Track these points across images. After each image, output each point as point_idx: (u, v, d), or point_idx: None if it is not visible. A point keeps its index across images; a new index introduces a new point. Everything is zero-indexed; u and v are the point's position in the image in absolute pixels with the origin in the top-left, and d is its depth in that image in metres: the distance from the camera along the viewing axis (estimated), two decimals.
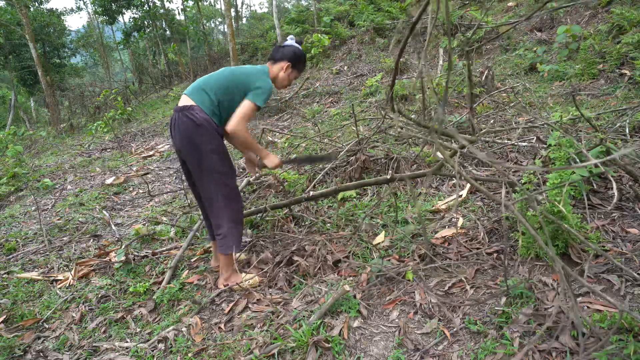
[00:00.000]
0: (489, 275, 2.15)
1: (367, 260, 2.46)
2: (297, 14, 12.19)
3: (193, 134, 2.15)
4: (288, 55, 2.39)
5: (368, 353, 1.81)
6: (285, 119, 6.73)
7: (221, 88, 2.20)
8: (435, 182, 3.33)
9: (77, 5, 44.65)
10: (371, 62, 8.59)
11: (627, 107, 3.39)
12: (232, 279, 2.41)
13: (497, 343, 1.70)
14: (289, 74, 2.42)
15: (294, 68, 2.42)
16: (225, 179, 2.25)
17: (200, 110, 2.15)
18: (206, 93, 2.20)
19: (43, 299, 2.61)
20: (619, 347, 1.52)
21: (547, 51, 5.67)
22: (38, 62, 11.95)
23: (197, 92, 2.21)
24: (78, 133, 10.17)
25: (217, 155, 2.20)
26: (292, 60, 2.39)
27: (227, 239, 2.30)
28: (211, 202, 2.30)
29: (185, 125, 2.15)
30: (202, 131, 2.14)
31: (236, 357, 1.88)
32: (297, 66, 2.44)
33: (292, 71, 2.43)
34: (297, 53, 2.41)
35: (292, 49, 2.40)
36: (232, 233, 2.31)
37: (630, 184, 2.56)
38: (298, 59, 2.41)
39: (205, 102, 2.18)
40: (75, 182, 5.35)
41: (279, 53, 2.40)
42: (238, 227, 2.34)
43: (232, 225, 2.30)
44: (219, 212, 2.29)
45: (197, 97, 2.19)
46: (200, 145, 2.16)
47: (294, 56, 2.39)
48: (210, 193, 2.27)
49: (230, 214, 2.30)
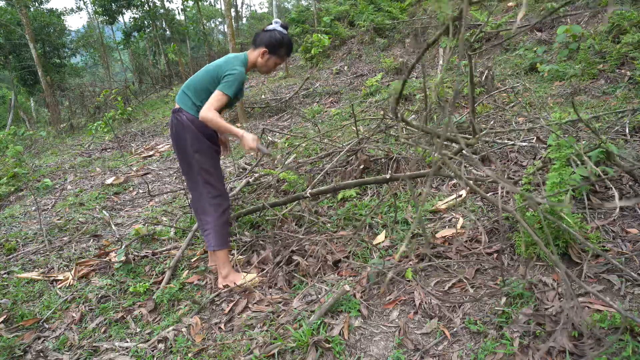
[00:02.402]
0: (489, 275, 2.15)
1: (367, 260, 2.46)
2: (297, 14, 12.20)
3: (180, 134, 2.28)
4: (265, 41, 2.31)
5: (368, 353, 1.81)
6: (285, 119, 6.73)
7: (197, 88, 2.29)
8: (435, 182, 3.33)
9: (77, 5, 44.71)
10: (371, 62, 8.59)
11: (629, 110, 3.39)
12: (231, 277, 2.42)
13: (497, 343, 1.70)
14: (267, 60, 2.35)
15: (272, 54, 2.34)
16: (210, 178, 2.34)
17: (186, 113, 2.27)
18: (187, 95, 2.31)
19: (43, 299, 2.61)
20: (619, 347, 1.52)
21: (547, 51, 5.66)
22: (38, 62, 11.94)
23: (181, 95, 2.34)
24: (78, 133, 10.17)
25: (201, 154, 2.30)
26: (269, 46, 2.31)
27: (211, 236, 2.37)
28: (198, 200, 2.39)
29: (175, 126, 2.31)
30: (188, 132, 2.26)
31: (236, 357, 1.88)
32: (276, 52, 2.34)
33: (271, 57, 2.35)
34: (276, 38, 2.31)
35: (269, 35, 2.32)
36: (217, 230, 2.36)
37: (630, 184, 2.55)
38: (277, 44, 2.32)
39: (188, 104, 2.29)
40: (75, 182, 5.35)
41: (258, 38, 2.35)
42: (223, 226, 2.39)
43: (216, 223, 2.36)
44: (205, 210, 2.37)
45: (181, 100, 2.33)
46: (186, 145, 2.28)
47: (271, 42, 2.31)
48: (197, 191, 2.37)
49: (215, 212, 2.36)
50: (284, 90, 8.22)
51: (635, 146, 2.95)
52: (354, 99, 6.62)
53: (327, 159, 3.97)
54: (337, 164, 3.70)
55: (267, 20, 16.09)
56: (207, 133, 2.31)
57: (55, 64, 16.69)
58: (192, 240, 3.05)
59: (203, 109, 2.16)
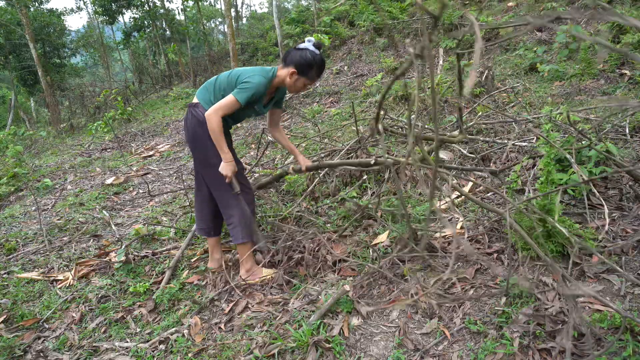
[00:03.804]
0: (489, 275, 2.15)
1: (366, 260, 2.46)
2: (297, 14, 12.20)
3: (197, 129, 2.27)
4: (295, 60, 2.22)
5: (368, 353, 1.81)
6: (285, 119, 6.73)
7: (219, 88, 2.30)
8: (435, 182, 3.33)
9: (77, 5, 44.68)
10: (371, 62, 8.59)
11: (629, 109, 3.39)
12: (254, 272, 2.45)
13: (497, 343, 1.70)
14: (295, 81, 2.26)
15: (301, 75, 2.23)
16: None
17: (203, 108, 2.27)
18: (208, 92, 2.32)
19: (43, 299, 2.61)
20: (619, 347, 1.52)
21: (547, 51, 5.67)
22: (38, 62, 11.94)
23: (202, 91, 2.34)
24: (78, 133, 10.16)
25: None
26: (298, 67, 2.21)
27: (238, 229, 2.38)
28: (220, 194, 2.38)
29: (190, 121, 2.30)
30: (205, 127, 2.23)
31: (236, 357, 1.88)
32: (306, 73, 2.24)
33: (299, 78, 2.25)
34: (306, 59, 2.20)
35: (299, 55, 2.21)
36: (242, 222, 2.37)
37: (630, 184, 2.55)
38: (307, 65, 2.21)
39: (207, 101, 2.30)
40: (75, 182, 5.35)
41: (289, 57, 2.25)
42: (249, 217, 2.40)
43: (242, 215, 2.36)
44: (229, 203, 2.37)
45: (201, 95, 2.33)
46: (204, 140, 2.27)
47: (300, 62, 2.20)
48: (219, 185, 2.35)
49: (239, 204, 2.36)
50: None
51: (635, 146, 2.95)
52: (354, 98, 6.62)
53: (327, 159, 3.96)
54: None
55: (267, 20, 16.06)
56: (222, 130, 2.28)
57: (55, 64, 16.68)
58: (192, 240, 3.05)
59: (211, 108, 2.16)
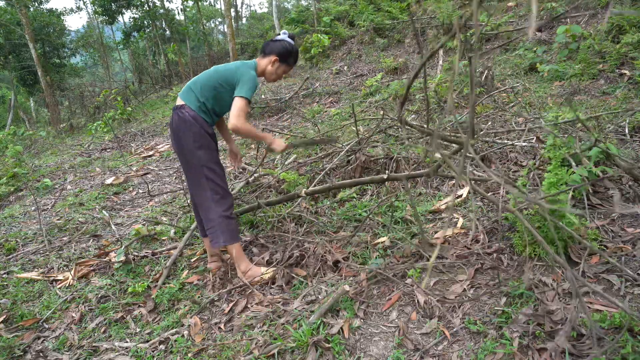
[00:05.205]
0: (489, 275, 2.15)
1: (366, 260, 2.46)
2: (297, 14, 12.20)
3: (182, 130, 2.28)
4: (276, 49, 2.43)
5: (368, 353, 1.81)
6: (285, 119, 6.73)
7: (206, 87, 2.32)
8: (435, 182, 3.33)
9: (77, 5, 44.71)
10: (371, 62, 8.59)
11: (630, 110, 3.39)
12: (250, 273, 2.43)
13: (497, 343, 1.69)
14: (277, 68, 2.46)
15: (282, 62, 2.45)
16: (212, 175, 2.34)
17: (189, 109, 2.29)
18: (193, 92, 2.33)
19: (43, 299, 2.61)
20: (618, 346, 1.52)
21: (547, 51, 5.66)
22: (38, 62, 11.95)
23: (186, 92, 2.35)
24: (78, 133, 10.16)
25: (204, 151, 2.31)
26: (280, 54, 2.43)
27: (216, 231, 2.36)
28: (201, 197, 2.38)
29: (176, 123, 2.30)
30: (190, 128, 2.27)
31: (236, 357, 1.88)
32: (286, 61, 2.46)
33: (280, 65, 2.46)
34: (286, 48, 2.44)
35: (281, 44, 2.44)
36: (222, 224, 2.35)
37: (630, 184, 2.55)
38: (287, 53, 2.44)
39: (193, 101, 2.31)
40: (75, 182, 5.35)
41: (268, 47, 2.45)
42: (229, 220, 2.38)
43: (221, 218, 2.35)
44: (209, 206, 2.37)
45: (186, 96, 2.34)
46: (188, 142, 2.28)
47: (282, 51, 2.43)
48: (200, 188, 2.36)
49: (218, 208, 2.35)
50: (284, 90, 8.21)
51: (635, 146, 2.95)
52: (354, 98, 6.62)
53: (327, 159, 3.97)
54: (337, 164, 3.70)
55: (267, 20, 16.09)
56: (209, 130, 2.34)
57: (55, 64, 16.69)
58: (190, 240, 3.05)
59: (231, 119, 2.18)
